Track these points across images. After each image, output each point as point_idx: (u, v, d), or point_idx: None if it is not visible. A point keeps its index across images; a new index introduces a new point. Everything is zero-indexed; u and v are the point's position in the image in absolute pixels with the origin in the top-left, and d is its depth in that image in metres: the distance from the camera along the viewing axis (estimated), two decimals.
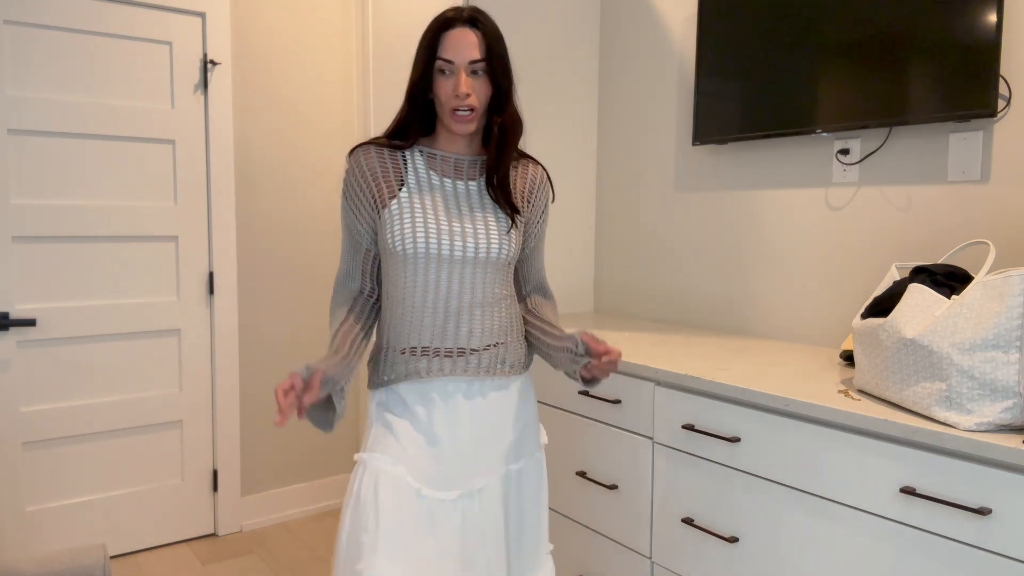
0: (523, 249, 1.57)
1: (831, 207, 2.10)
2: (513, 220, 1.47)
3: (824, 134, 2.07)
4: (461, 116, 1.40)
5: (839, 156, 2.06)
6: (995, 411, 1.31)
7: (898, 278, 1.63)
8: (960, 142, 1.82)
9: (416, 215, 1.42)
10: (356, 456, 1.46)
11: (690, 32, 2.47)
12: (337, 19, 3.17)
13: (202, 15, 2.83)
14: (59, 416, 2.66)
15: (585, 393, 2.02)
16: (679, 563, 1.81)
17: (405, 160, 1.47)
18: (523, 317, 1.58)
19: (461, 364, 1.45)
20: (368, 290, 1.53)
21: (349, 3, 3.19)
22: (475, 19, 1.40)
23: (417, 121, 1.47)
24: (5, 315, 2.53)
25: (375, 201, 1.45)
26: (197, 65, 2.84)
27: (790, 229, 2.21)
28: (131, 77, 2.72)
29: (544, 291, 1.64)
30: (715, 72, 2.28)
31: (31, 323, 2.54)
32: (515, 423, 1.52)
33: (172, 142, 2.82)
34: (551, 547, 1.64)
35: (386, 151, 1.48)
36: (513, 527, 1.52)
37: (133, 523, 2.84)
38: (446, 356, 1.44)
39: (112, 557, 2.82)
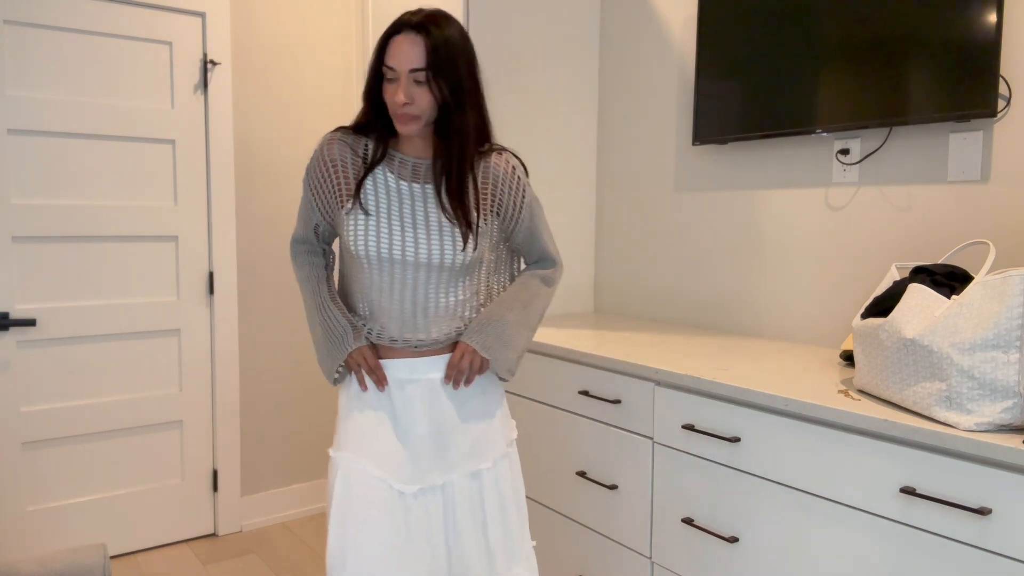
0: (514, 239, 1.58)
1: (831, 207, 2.10)
2: (467, 230, 1.45)
3: (824, 134, 2.07)
4: (402, 117, 1.40)
5: (839, 156, 2.06)
6: (995, 411, 1.31)
7: (898, 278, 1.63)
8: (960, 142, 1.82)
9: (370, 220, 1.44)
10: (330, 452, 1.51)
11: (690, 32, 2.47)
12: (337, 19, 3.17)
13: (202, 15, 2.83)
14: (59, 416, 2.66)
15: (585, 393, 2.02)
16: (679, 563, 1.81)
17: (366, 158, 1.49)
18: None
19: (423, 348, 1.51)
20: (321, 251, 1.62)
21: (349, 3, 3.19)
22: (424, 25, 1.35)
23: (376, 121, 1.48)
24: (5, 315, 2.53)
25: (335, 194, 1.49)
26: (197, 65, 2.84)
27: (790, 229, 2.20)
28: (131, 77, 2.72)
29: (543, 262, 1.64)
30: (715, 72, 2.28)
31: (31, 323, 2.54)
32: (478, 420, 1.54)
33: (172, 142, 2.82)
34: (533, 543, 1.66)
35: (352, 148, 1.50)
36: (492, 523, 1.53)
37: (133, 523, 2.84)
38: (404, 345, 1.50)
39: (112, 557, 2.81)
